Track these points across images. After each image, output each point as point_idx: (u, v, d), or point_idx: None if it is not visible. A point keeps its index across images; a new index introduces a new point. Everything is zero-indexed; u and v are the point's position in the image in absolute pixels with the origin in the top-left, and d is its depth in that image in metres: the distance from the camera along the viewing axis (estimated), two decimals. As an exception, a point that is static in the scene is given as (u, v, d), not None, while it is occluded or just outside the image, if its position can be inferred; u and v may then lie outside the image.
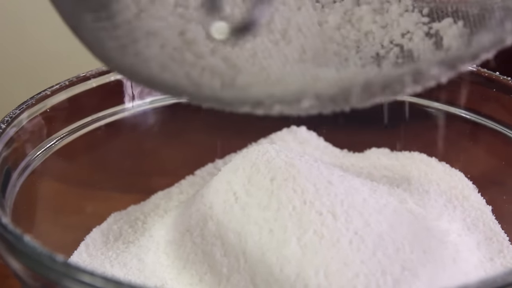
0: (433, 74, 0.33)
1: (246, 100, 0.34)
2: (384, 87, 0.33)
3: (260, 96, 0.34)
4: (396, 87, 0.33)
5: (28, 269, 0.35)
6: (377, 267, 0.39)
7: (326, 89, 0.34)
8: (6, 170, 0.43)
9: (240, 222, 0.42)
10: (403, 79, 0.33)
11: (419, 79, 0.33)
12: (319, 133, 0.56)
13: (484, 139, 0.51)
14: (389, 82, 0.33)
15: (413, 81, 0.33)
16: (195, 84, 0.36)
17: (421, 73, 0.33)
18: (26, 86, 0.53)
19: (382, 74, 0.34)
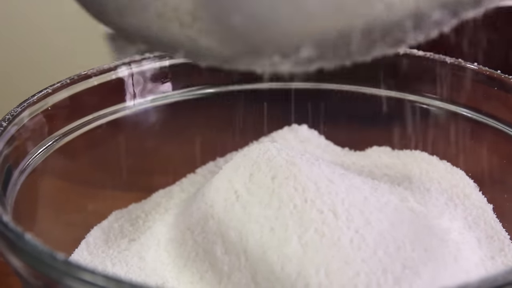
0: (435, 19, 0.32)
1: (244, 50, 0.33)
2: (385, 32, 0.32)
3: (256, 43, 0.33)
4: (397, 34, 0.32)
5: (29, 267, 0.35)
6: (378, 266, 0.39)
7: (325, 34, 0.33)
8: (7, 168, 0.43)
9: (241, 220, 0.42)
10: (404, 24, 0.32)
11: (420, 25, 0.32)
12: (320, 132, 0.56)
13: (486, 138, 0.51)
14: (389, 27, 0.32)
15: (414, 26, 0.32)
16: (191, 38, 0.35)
17: (422, 17, 0.32)
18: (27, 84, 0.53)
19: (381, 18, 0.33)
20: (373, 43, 0.32)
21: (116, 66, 0.51)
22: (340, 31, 0.32)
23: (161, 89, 0.53)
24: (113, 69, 0.51)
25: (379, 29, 0.32)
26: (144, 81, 0.52)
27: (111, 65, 0.51)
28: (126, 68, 0.51)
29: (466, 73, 0.51)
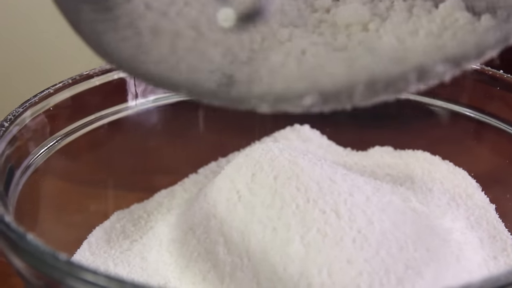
0: (438, 71, 0.32)
1: (246, 97, 0.34)
2: (388, 84, 0.32)
3: (260, 93, 0.34)
4: (400, 85, 0.32)
5: (31, 268, 0.35)
6: (381, 266, 0.39)
7: (329, 86, 0.33)
8: (9, 169, 0.43)
9: (244, 220, 0.42)
10: (407, 77, 0.32)
11: (423, 77, 0.32)
12: (322, 132, 0.56)
13: (488, 138, 0.51)
14: (393, 80, 0.33)
15: (417, 78, 0.32)
16: (194, 79, 0.35)
17: (425, 71, 0.32)
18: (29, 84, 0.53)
19: (386, 71, 0.34)
20: (375, 93, 0.33)
21: (118, 66, 0.51)
22: (345, 85, 0.33)
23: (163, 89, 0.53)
24: (115, 69, 0.50)
25: (383, 82, 0.33)
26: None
27: (113, 65, 0.51)
28: (128, 68, 0.51)
29: (469, 73, 0.51)
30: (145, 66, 0.36)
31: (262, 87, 0.35)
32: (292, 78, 0.35)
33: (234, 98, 0.35)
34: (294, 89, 0.34)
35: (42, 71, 0.68)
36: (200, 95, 0.35)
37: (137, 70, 0.36)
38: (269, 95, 0.33)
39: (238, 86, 0.35)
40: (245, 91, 0.35)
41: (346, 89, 0.33)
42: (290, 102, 0.33)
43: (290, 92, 0.34)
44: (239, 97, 0.35)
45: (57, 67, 0.67)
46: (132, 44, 0.36)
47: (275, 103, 0.33)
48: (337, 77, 0.35)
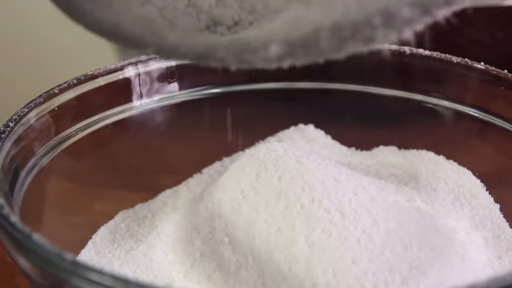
0: (405, 16, 0.31)
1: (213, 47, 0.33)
2: (354, 30, 0.31)
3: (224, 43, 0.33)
4: (367, 31, 0.31)
5: (36, 268, 0.35)
6: (385, 266, 0.39)
7: (293, 32, 0.33)
8: (14, 169, 0.43)
9: (248, 220, 0.42)
10: (372, 21, 0.31)
11: (390, 22, 0.31)
12: (326, 131, 0.56)
13: (492, 137, 0.51)
14: (358, 24, 0.31)
15: (383, 23, 0.31)
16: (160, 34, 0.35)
17: (391, 14, 0.31)
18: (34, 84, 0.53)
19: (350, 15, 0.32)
20: (343, 41, 0.32)
21: (123, 66, 0.51)
22: (308, 29, 0.32)
23: (168, 89, 0.53)
24: (119, 69, 0.51)
25: (347, 27, 0.32)
26: (151, 81, 0.52)
27: (118, 65, 0.51)
28: (133, 68, 0.51)
29: (473, 73, 0.51)
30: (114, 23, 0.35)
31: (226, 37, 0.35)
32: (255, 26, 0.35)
33: (200, 51, 0.34)
34: (258, 38, 0.33)
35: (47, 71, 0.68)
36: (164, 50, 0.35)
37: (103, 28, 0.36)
38: (234, 44, 0.33)
39: (201, 37, 0.35)
40: (210, 42, 0.34)
41: (311, 36, 0.32)
42: (255, 53, 0.32)
43: (254, 41, 0.33)
44: (204, 50, 0.34)
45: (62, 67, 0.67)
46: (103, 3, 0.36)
47: (240, 55, 0.32)
48: (299, 23, 0.34)
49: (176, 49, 0.34)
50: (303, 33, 0.32)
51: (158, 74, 0.52)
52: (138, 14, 0.36)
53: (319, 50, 0.32)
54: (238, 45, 0.33)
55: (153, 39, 0.35)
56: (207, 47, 0.34)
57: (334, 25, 0.32)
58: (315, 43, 0.32)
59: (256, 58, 0.32)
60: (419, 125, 0.54)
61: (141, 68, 0.51)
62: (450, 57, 0.52)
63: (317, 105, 0.55)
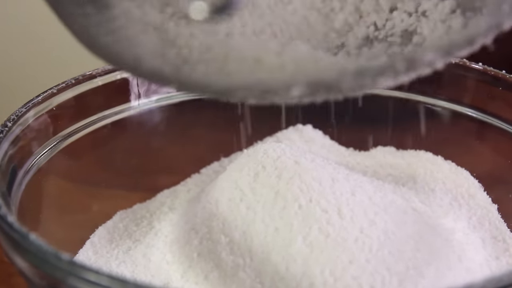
0: (428, 60, 0.31)
1: (234, 88, 0.34)
2: (377, 74, 0.32)
3: (248, 83, 0.33)
4: (389, 74, 0.31)
5: (33, 267, 0.35)
6: (383, 266, 0.39)
7: (317, 76, 0.33)
8: (12, 169, 0.43)
9: (246, 220, 0.42)
10: (396, 66, 0.31)
11: (413, 66, 0.31)
12: (325, 132, 0.56)
13: (490, 138, 0.51)
14: (382, 69, 0.32)
15: (406, 68, 0.31)
16: (183, 72, 0.35)
17: (414, 60, 0.31)
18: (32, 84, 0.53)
19: (374, 61, 0.33)
20: (365, 83, 0.32)
21: (121, 67, 0.51)
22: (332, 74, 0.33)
23: (166, 89, 0.53)
24: (118, 70, 0.51)
25: (371, 72, 0.32)
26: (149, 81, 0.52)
27: (116, 65, 0.51)
28: (131, 68, 0.51)
29: (471, 73, 0.51)
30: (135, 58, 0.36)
31: (249, 78, 0.35)
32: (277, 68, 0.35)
33: (221, 89, 0.34)
34: (281, 80, 0.33)
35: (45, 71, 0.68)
36: (189, 87, 0.35)
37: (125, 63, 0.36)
38: (256, 86, 0.33)
39: (224, 76, 0.35)
40: (231, 82, 0.35)
41: (334, 79, 0.32)
42: (277, 94, 0.33)
43: (276, 83, 0.33)
44: (226, 88, 0.34)
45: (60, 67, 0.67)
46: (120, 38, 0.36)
47: (262, 95, 0.33)
48: (324, 66, 0.34)
49: (198, 86, 0.35)
50: (327, 77, 0.33)
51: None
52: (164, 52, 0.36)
53: (340, 90, 0.32)
54: (260, 87, 0.33)
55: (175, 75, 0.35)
56: (228, 87, 0.34)
57: (358, 71, 0.32)
58: (337, 85, 0.32)
59: (278, 98, 0.33)
60: (417, 126, 0.54)
61: (139, 68, 0.51)
62: (448, 58, 0.52)
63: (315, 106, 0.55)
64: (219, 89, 0.34)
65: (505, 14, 0.32)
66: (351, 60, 0.33)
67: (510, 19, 0.32)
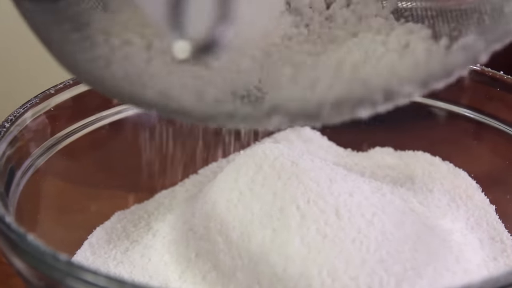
0: (405, 92, 0.32)
1: (216, 115, 0.34)
2: (355, 105, 0.32)
3: (229, 111, 0.34)
4: (367, 105, 0.32)
5: (31, 268, 0.35)
6: (380, 266, 0.39)
7: (296, 106, 0.34)
8: (9, 169, 0.43)
9: (244, 221, 0.42)
10: (374, 98, 0.32)
11: (390, 97, 0.32)
12: (322, 132, 0.56)
13: (488, 139, 0.51)
14: (360, 100, 0.32)
15: (384, 99, 0.32)
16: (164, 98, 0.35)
17: (392, 92, 0.32)
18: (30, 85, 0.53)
19: (352, 93, 0.34)
20: (343, 112, 0.33)
21: (119, 67, 0.51)
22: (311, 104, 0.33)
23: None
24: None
25: (349, 102, 0.33)
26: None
27: (114, 65, 0.51)
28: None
29: (469, 74, 0.51)
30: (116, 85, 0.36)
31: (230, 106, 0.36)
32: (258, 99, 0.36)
33: (201, 116, 0.35)
34: (261, 109, 0.34)
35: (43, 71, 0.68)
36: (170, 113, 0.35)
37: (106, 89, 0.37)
38: (238, 113, 0.34)
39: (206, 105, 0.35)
40: (214, 110, 0.35)
41: (312, 110, 0.33)
42: (258, 121, 0.34)
43: (257, 111, 0.34)
44: (207, 115, 0.35)
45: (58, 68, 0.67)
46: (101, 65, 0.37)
47: (242, 121, 0.34)
48: (302, 97, 0.35)
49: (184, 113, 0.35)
50: (306, 107, 0.33)
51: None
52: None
53: (319, 119, 0.33)
54: (240, 115, 0.34)
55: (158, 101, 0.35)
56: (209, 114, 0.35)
57: (336, 101, 0.33)
58: (317, 115, 0.33)
59: (258, 125, 0.34)
60: (415, 126, 0.54)
61: (137, 68, 0.51)
62: (446, 58, 0.52)
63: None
64: (198, 115, 0.35)
65: (481, 50, 0.33)
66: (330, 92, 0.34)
67: (485, 53, 0.33)
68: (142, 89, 0.36)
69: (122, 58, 0.37)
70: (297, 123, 0.34)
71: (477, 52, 0.33)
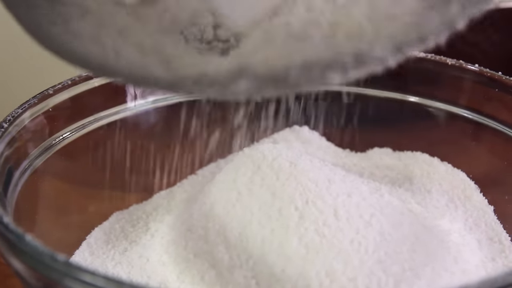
0: (377, 56, 0.31)
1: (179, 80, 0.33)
2: (324, 68, 0.31)
3: (193, 76, 0.33)
4: (337, 69, 0.31)
5: (29, 269, 0.35)
6: (378, 267, 0.39)
7: (263, 68, 0.33)
8: (8, 169, 0.43)
9: (242, 221, 0.42)
10: (344, 60, 0.31)
11: (361, 61, 0.31)
12: (321, 133, 0.56)
13: (487, 139, 0.51)
14: (329, 63, 0.31)
15: (355, 62, 0.31)
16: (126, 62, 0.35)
17: (362, 55, 0.31)
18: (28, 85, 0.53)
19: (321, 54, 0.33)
20: (313, 78, 0.31)
21: (117, 67, 0.51)
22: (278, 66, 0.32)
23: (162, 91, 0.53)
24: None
25: (318, 66, 0.32)
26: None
27: (113, 66, 0.51)
28: (127, 69, 0.51)
29: (467, 75, 0.51)
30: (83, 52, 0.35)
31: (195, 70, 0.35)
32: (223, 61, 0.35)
33: (170, 82, 0.34)
34: (226, 72, 0.33)
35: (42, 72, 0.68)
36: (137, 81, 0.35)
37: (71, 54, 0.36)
38: (204, 77, 0.33)
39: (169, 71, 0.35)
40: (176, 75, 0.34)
41: (281, 72, 0.32)
42: (223, 86, 0.32)
43: (221, 74, 0.33)
44: (171, 81, 0.34)
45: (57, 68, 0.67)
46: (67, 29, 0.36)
47: (209, 86, 0.32)
48: (271, 60, 0.34)
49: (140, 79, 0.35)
50: (273, 69, 0.32)
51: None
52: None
53: (287, 85, 0.32)
54: (207, 79, 0.33)
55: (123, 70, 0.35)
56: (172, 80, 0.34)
57: (304, 64, 0.32)
58: (284, 79, 0.31)
59: (224, 90, 0.32)
60: (413, 127, 0.54)
61: (136, 69, 0.51)
62: (445, 59, 0.52)
63: (312, 107, 0.55)
64: (165, 82, 0.34)
65: (455, 14, 0.31)
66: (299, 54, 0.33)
67: (462, 19, 0.31)
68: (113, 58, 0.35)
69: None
70: (266, 91, 0.32)
71: (453, 16, 0.31)
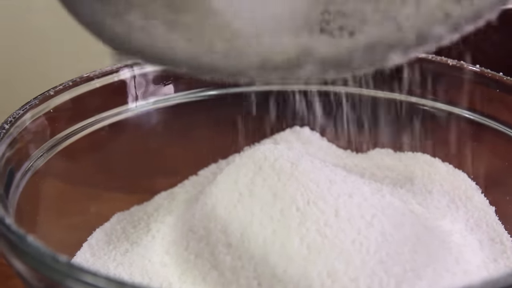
0: (436, 34, 0.32)
1: (244, 67, 0.34)
2: (387, 49, 0.32)
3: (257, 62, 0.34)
4: (400, 49, 0.32)
5: (31, 270, 0.35)
6: (380, 268, 0.39)
7: (327, 53, 0.33)
8: (9, 171, 0.43)
9: (244, 222, 0.42)
10: (407, 39, 0.32)
11: (421, 40, 0.32)
12: (322, 134, 0.56)
13: (488, 140, 0.51)
14: (392, 44, 0.32)
15: (416, 41, 0.32)
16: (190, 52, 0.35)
17: (423, 34, 0.32)
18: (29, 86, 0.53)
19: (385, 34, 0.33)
20: (375, 60, 0.32)
21: (118, 69, 0.51)
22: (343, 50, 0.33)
23: (163, 91, 0.53)
24: (115, 71, 0.51)
25: (381, 47, 0.32)
26: (146, 83, 0.52)
27: (113, 67, 0.51)
28: (128, 70, 0.51)
29: (468, 75, 0.51)
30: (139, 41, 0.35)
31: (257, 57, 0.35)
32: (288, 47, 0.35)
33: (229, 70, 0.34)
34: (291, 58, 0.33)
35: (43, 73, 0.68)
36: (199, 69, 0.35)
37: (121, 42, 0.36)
38: (268, 62, 0.33)
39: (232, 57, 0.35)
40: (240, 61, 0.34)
41: (345, 56, 0.32)
42: (288, 72, 0.33)
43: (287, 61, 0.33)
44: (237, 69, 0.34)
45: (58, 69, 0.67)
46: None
47: (274, 71, 0.33)
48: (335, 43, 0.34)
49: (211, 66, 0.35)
50: (339, 53, 0.33)
51: (153, 76, 0.52)
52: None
53: (350, 68, 0.32)
54: (271, 64, 0.33)
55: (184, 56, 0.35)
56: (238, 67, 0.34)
57: (368, 46, 0.32)
58: (348, 62, 0.32)
59: (289, 74, 0.33)
60: (414, 128, 0.54)
61: (137, 70, 0.52)
62: (446, 60, 0.52)
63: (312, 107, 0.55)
64: (229, 70, 0.34)
65: None
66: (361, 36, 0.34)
67: None
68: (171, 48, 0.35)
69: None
70: (327, 74, 0.33)
71: None
